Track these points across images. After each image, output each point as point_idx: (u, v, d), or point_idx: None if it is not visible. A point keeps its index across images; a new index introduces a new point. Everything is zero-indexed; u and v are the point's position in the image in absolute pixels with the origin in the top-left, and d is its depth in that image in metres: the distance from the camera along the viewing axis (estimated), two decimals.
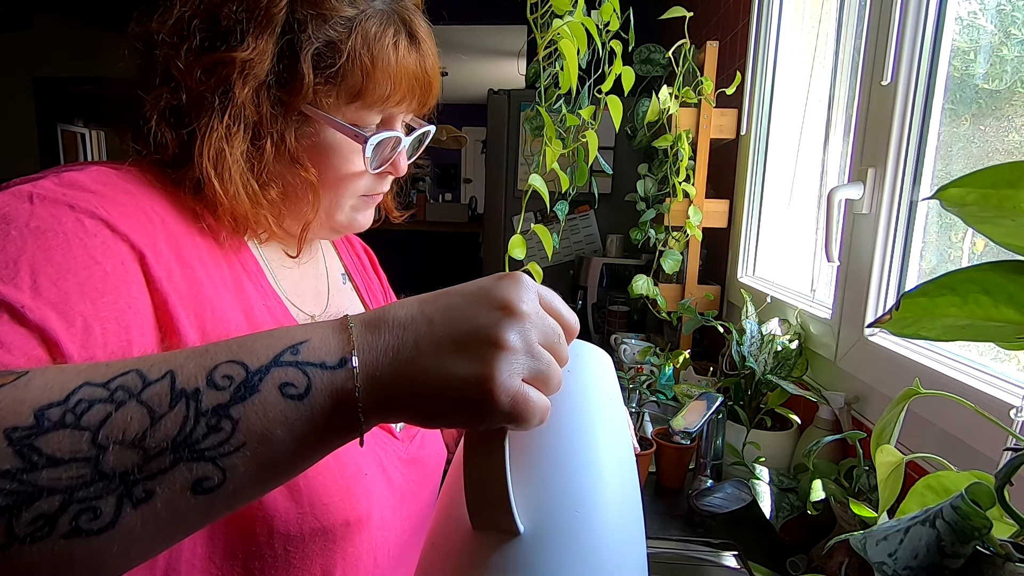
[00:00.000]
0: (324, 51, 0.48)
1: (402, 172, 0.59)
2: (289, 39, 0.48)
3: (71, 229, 0.39)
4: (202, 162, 0.46)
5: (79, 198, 0.41)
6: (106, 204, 0.42)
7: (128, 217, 0.43)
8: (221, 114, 0.46)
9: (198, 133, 0.46)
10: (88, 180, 0.43)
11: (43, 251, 0.38)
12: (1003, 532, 0.39)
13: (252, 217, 0.49)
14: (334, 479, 0.50)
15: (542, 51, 1.05)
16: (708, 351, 1.63)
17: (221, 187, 0.47)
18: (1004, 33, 0.77)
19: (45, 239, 0.38)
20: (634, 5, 1.25)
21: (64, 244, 0.39)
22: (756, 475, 0.86)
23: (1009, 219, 0.32)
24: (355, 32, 0.49)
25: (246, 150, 0.48)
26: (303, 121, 0.50)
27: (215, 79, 0.46)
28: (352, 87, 0.50)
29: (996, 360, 0.72)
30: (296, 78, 0.48)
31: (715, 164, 1.55)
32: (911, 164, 0.86)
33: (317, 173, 0.52)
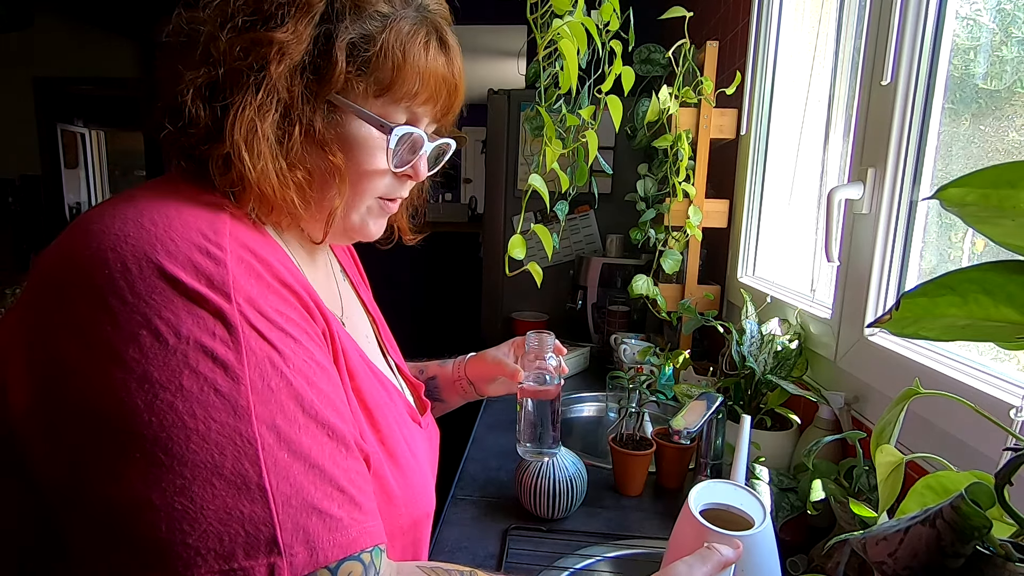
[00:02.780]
0: (358, 42, 0.50)
1: (422, 176, 0.60)
2: (327, 28, 0.49)
3: (304, 353, 0.45)
4: (233, 135, 0.47)
5: (273, 307, 0.45)
6: (282, 302, 0.46)
7: (294, 293, 0.47)
8: (256, 90, 0.47)
9: (232, 108, 0.47)
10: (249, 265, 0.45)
11: (312, 385, 0.44)
12: (1003, 532, 0.39)
13: (279, 195, 0.49)
14: (416, 479, 0.58)
15: (542, 51, 1.05)
16: (708, 351, 1.63)
17: (251, 160, 0.47)
18: (1004, 33, 0.77)
19: (305, 372, 0.44)
20: (634, 5, 1.25)
21: (311, 370, 0.45)
22: (756, 475, 0.86)
23: (1009, 219, 0.32)
24: (389, 28, 0.51)
25: (276, 128, 0.49)
26: (331, 110, 0.51)
27: (252, 56, 0.48)
28: (382, 80, 0.52)
29: (996, 360, 0.72)
30: (329, 65, 0.49)
31: (715, 164, 1.55)
32: (911, 164, 0.86)
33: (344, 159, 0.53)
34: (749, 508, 0.59)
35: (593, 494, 1.02)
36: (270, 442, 0.40)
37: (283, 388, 0.42)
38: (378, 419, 0.55)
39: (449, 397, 0.93)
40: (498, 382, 0.90)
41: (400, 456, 0.56)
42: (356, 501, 0.44)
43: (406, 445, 0.58)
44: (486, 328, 2.29)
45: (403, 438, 0.58)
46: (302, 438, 0.42)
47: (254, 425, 0.40)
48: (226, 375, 0.40)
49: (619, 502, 1.01)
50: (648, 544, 0.88)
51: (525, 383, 0.84)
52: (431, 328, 3.97)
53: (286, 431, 0.41)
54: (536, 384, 0.84)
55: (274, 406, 0.41)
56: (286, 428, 0.41)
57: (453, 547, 0.87)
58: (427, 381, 0.92)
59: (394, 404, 0.60)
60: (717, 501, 0.61)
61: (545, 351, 0.85)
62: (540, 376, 0.84)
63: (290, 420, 0.41)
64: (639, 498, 1.03)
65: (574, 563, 0.84)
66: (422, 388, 0.76)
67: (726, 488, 0.62)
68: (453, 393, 0.92)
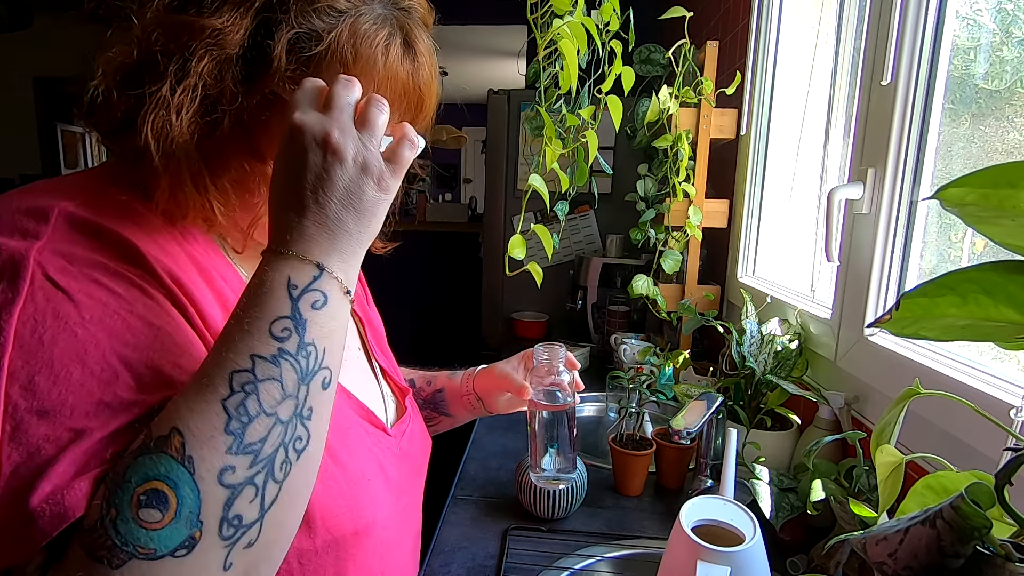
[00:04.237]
0: (303, 37, 0.45)
1: None
2: (267, 16, 0.44)
3: (119, 305, 0.40)
4: (144, 130, 0.42)
5: (94, 260, 0.40)
6: (117, 254, 0.41)
7: (145, 255, 0.42)
8: (174, 82, 0.42)
9: (147, 99, 0.43)
10: (86, 223, 0.41)
11: (115, 338, 0.39)
12: (1003, 532, 0.39)
13: (192, 200, 0.45)
14: (340, 491, 0.50)
15: (542, 51, 1.05)
16: (708, 351, 1.63)
17: (161, 161, 0.43)
18: (1004, 33, 0.77)
19: (108, 324, 0.39)
20: (634, 5, 1.25)
21: (124, 323, 0.40)
22: (756, 475, 0.86)
23: (1009, 219, 0.32)
24: (342, 25, 0.46)
25: (197, 127, 0.44)
26: (265, 105, 0.46)
27: (175, 43, 0.42)
28: (327, 81, 0.46)
29: (996, 360, 0.72)
30: (267, 59, 0.44)
31: (715, 164, 1.55)
32: (911, 164, 0.86)
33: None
34: (740, 523, 0.60)
35: (593, 494, 1.02)
36: (17, 402, 0.36)
37: (60, 341, 0.37)
38: None
39: (456, 411, 0.87)
40: (506, 398, 0.83)
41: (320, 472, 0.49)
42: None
43: (329, 452, 0.50)
44: (486, 328, 2.29)
45: (327, 446, 0.50)
46: (68, 397, 0.37)
47: (1, 382, 0.36)
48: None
49: (619, 502, 1.01)
50: (648, 544, 0.88)
51: (535, 399, 0.77)
52: (431, 328, 3.97)
53: (46, 390, 0.36)
54: (547, 401, 0.77)
55: (39, 362, 0.37)
56: (47, 386, 0.36)
57: (453, 547, 0.87)
58: (434, 393, 0.87)
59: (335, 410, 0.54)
60: (708, 517, 0.61)
61: (557, 365, 0.78)
62: (552, 393, 0.77)
63: (56, 377, 0.37)
64: (639, 498, 1.03)
65: (574, 563, 0.84)
66: (408, 393, 0.71)
67: (717, 504, 0.63)
68: (461, 407, 0.86)
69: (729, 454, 0.79)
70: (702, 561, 0.55)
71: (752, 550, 0.56)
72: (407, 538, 0.65)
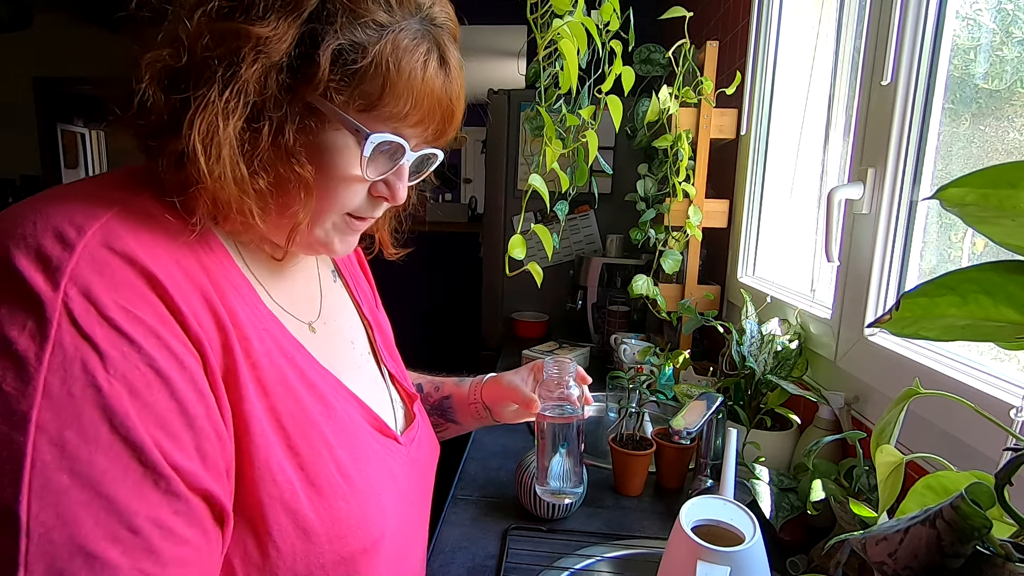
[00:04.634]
0: (347, 49, 0.45)
1: (399, 199, 0.54)
2: (313, 27, 0.44)
3: (140, 360, 0.38)
4: (191, 135, 0.42)
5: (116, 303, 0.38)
6: (139, 294, 0.40)
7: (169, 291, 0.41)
8: (223, 87, 0.43)
9: (192, 103, 0.42)
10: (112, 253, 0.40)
11: (136, 398, 0.38)
12: (1003, 532, 0.39)
13: (236, 204, 0.45)
14: (350, 509, 0.50)
15: (542, 51, 1.05)
16: (708, 351, 1.63)
17: (207, 165, 0.43)
18: (1004, 33, 0.77)
19: (130, 381, 0.38)
20: (634, 5, 1.25)
21: (145, 381, 0.38)
22: (756, 475, 0.86)
23: (1009, 219, 0.32)
24: (386, 39, 0.46)
25: (241, 131, 0.44)
26: (306, 114, 0.46)
27: (224, 49, 0.43)
28: (369, 93, 0.46)
29: (996, 360, 0.72)
30: (311, 68, 0.44)
31: (715, 164, 1.55)
32: (911, 164, 0.86)
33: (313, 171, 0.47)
34: (740, 523, 0.60)
35: (593, 494, 1.02)
36: (46, 459, 0.34)
37: (89, 397, 0.36)
38: (297, 441, 0.48)
39: (463, 419, 0.86)
40: (514, 408, 0.82)
41: (325, 483, 0.49)
42: (153, 548, 0.36)
43: (339, 469, 0.50)
44: (486, 328, 2.29)
45: (336, 461, 0.50)
46: (96, 458, 0.35)
47: (30, 436, 0.34)
48: (17, 373, 0.35)
49: (619, 502, 1.01)
50: (648, 544, 0.88)
51: (544, 413, 0.76)
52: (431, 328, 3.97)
53: (75, 448, 0.35)
54: (556, 414, 0.76)
55: (68, 416, 0.35)
56: (76, 444, 0.35)
57: (453, 547, 0.87)
58: (442, 400, 0.86)
59: (336, 421, 0.52)
60: (708, 517, 0.61)
61: (567, 380, 0.77)
62: (560, 407, 0.76)
63: (86, 436, 0.35)
64: (639, 498, 1.03)
65: (574, 563, 0.84)
66: (416, 399, 0.71)
67: (717, 504, 0.63)
68: (468, 415, 0.85)
69: (729, 454, 0.79)
70: (702, 561, 0.55)
71: (752, 550, 0.56)
72: (416, 546, 0.65)
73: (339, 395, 0.54)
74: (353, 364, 0.63)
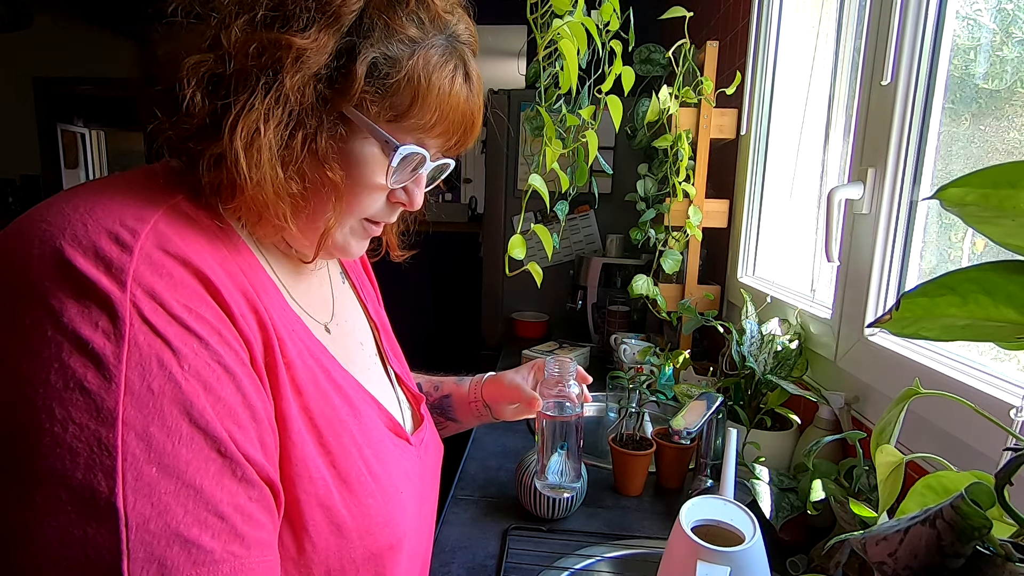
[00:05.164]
0: (382, 62, 0.47)
1: (417, 205, 0.57)
2: (350, 41, 0.46)
3: (209, 356, 0.40)
4: (233, 138, 0.44)
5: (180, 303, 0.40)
6: (197, 294, 0.41)
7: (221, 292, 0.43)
8: (264, 94, 0.44)
9: (234, 108, 0.44)
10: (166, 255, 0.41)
11: (210, 392, 0.39)
12: (1003, 532, 0.39)
13: (272, 208, 0.46)
14: (378, 507, 0.52)
15: (542, 51, 1.05)
16: (708, 351, 1.63)
17: (247, 168, 0.44)
18: (1004, 33, 0.77)
19: (203, 377, 0.39)
20: (634, 5, 1.25)
21: (215, 376, 0.40)
22: (756, 475, 0.86)
23: (1009, 219, 0.32)
24: (417, 54, 0.48)
25: (279, 137, 0.46)
26: (339, 123, 0.48)
27: (267, 58, 0.44)
28: (399, 105, 0.49)
29: (996, 360, 0.72)
30: (347, 80, 0.46)
31: (715, 164, 1.55)
32: (911, 164, 0.86)
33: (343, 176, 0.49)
34: (740, 523, 0.60)
35: (593, 494, 1.02)
36: (136, 452, 0.35)
37: (168, 392, 0.37)
38: (329, 439, 0.49)
39: (463, 417, 0.87)
40: (515, 407, 0.84)
41: (356, 481, 0.50)
42: (239, 532, 0.38)
43: (367, 468, 0.52)
44: (486, 328, 2.29)
45: (364, 460, 0.52)
46: (180, 451, 0.36)
47: (118, 430, 0.35)
48: (98, 371, 0.35)
49: (619, 502, 1.01)
50: (648, 544, 0.88)
51: (545, 411, 0.78)
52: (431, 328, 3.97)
53: (160, 441, 0.36)
54: (556, 412, 0.78)
55: (151, 411, 0.36)
56: (161, 438, 0.36)
57: (453, 547, 0.87)
58: (442, 399, 0.87)
59: (362, 421, 0.54)
60: (708, 517, 0.61)
61: (566, 378, 0.79)
62: (560, 404, 0.78)
63: (168, 429, 0.36)
64: (639, 498, 1.03)
65: (574, 563, 0.84)
66: (422, 400, 0.72)
67: (716, 504, 0.63)
68: (468, 414, 0.86)
69: (729, 454, 0.79)
70: (702, 561, 0.55)
71: (752, 550, 0.56)
72: (427, 545, 0.66)
73: (360, 396, 0.56)
74: (364, 366, 0.64)
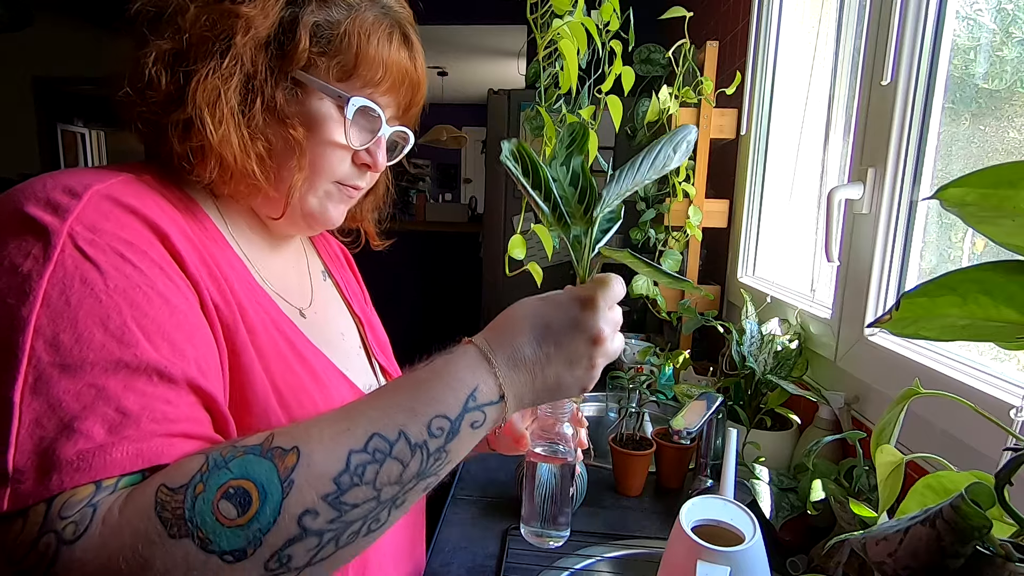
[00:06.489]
0: (323, 24, 0.53)
1: (380, 166, 0.60)
2: (292, 11, 0.52)
3: (142, 280, 0.42)
4: (196, 99, 0.48)
5: (121, 237, 0.43)
6: (144, 235, 0.44)
7: (171, 238, 0.46)
8: (220, 57, 0.49)
9: (195, 74, 0.49)
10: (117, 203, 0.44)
11: (136, 309, 0.41)
12: (1003, 532, 0.39)
13: (240, 162, 0.51)
14: None
15: (542, 51, 1.05)
16: (708, 351, 1.63)
17: (212, 124, 0.49)
18: (1004, 33, 0.77)
19: (130, 296, 0.41)
20: (634, 5, 1.25)
21: (146, 297, 0.42)
22: (756, 475, 0.86)
23: (1009, 219, 0.32)
24: (353, 16, 0.53)
25: (239, 96, 0.50)
26: (293, 86, 0.53)
27: (219, 28, 0.49)
28: (344, 64, 0.54)
29: (996, 360, 0.72)
30: (293, 44, 0.51)
31: (715, 164, 1.55)
32: (911, 164, 0.86)
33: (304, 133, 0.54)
34: (740, 523, 0.60)
35: (593, 494, 1.02)
36: (41, 356, 0.38)
37: (86, 305, 0.40)
38: (291, 401, 0.51)
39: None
40: (508, 440, 0.79)
41: None
42: (140, 424, 0.39)
43: None
44: None
45: None
46: (87, 354, 0.39)
47: (27, 336, 0.38)
48: (20, 288, 0.39)
49: (619, 502, 1.01)
50: (648, 544, 0.88)
51: (533, 450, 0.72)
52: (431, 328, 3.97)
53: (68, 347, 0.38)
54: (547, 453, 0.72)
55: (64, 321, 0.39)
56: (69, 344, 0.38)
57: (453, 547, 0.87)
58: None
59: (328, 394, 0.56)
60: (708, 517, 0.61)
61: (560, 419, 0.72)
62: (553, 446, 0.72)
63: (79, 337, 0.39)
64: (639, 498, 1.03)
65: (574, 563, 0.84)
66: None
67: (717, 504, 0.63)
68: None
69: (729, 454, 0.79)
70: (702, 561, 0.55)
71: (752, 550, 0.56)
72: (412, 538, 0.67)
73: (329, 373, 0.58)
74: (344, 354, 0.66)
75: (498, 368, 0.47)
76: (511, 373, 0.48)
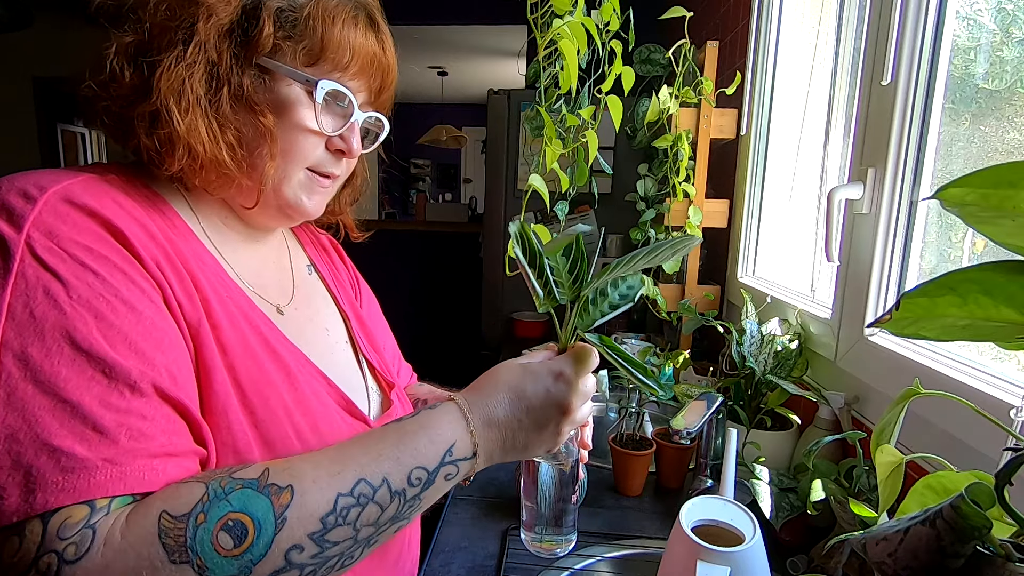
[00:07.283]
0: (286, 9, 0.52)
1: (355, 152, 0.59)
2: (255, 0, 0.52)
3: (105, 289, 0.42)
4: (161, 90, 0.48)
5: (79, 243, 0.43)
6: (103, 238, 0.44)
7: (131, 240, 0.45)
8: (184, 47, 0.49)
9: (159, 64, 0.48)
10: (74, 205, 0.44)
11: (101, 320, 0.41)
12: (1003, 532, 0.39)
13: (209, 152, 0.50)
14: None
15: (542, 51, 1.05)
16: (708, 351, 1.63)
17: (179, 114, 0.48)
18: (1004, 33, 0.77)
19: (94, 306, 0.41)
20: (634, 5, 1.25)
21: (110, 307, 0.42)
22: (756, 475, 0.86)
23: (1009, 219, 0.32)
24: (315, 0, 0.53)
25: (204, 85, 0.50)
26: (260, 73, 0.53)
27: (180, 17, 0.49)
28: (311, 49, 0.53)
29: (996, 360, 0.72)
30: (257, 29, 0.51)
31: (715, 164, 1.55)
32: (911, 164, 0.86)
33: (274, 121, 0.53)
34: (740, 523, 0.60)
35: (593, 494, 1.02)
36: (12, 371, 0.38)
37: (51, 318, 0.40)
38: (253, 399, 0.50)
39: None
40: None
41: (279, 443, 0.51)
42: (119, 443, 0.39)
43: (296, 433, 0.52)
44: (486, 328, 2.29)
45: (294, 426, 0.52)
46: (59, 370, 0.39)
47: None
48: None
49: (619, 502, 1.01)
50: (648, 544, 0.88)
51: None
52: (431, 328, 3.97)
53: (38, 361, 0.39)
54: (547, 456, 0.66)
55: (30, 335, 0.39)
56: (39, 358, 0.39)
57: (453, 547, 0.87)
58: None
59: (298, 390, 0.54)
60: (708, 517, 0.61)
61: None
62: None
63: (48, 351, 0.39)
64: (639, 498, 1.03)
65: (574, 563, 0.84)
66: (395, 387, 0.71)
67: (716, 504, 0.63)
68: None
69: (729, 454, 0.79)
70: (702, 561, 0.55)
71: (752, 550, 0.56)
72: (401, 535, 0.66)
73: (303, 369, 0.57)
74: (326, 349, 0.65)
75: (474, 427, 0.51)
76: (485, 431, 0.52)
